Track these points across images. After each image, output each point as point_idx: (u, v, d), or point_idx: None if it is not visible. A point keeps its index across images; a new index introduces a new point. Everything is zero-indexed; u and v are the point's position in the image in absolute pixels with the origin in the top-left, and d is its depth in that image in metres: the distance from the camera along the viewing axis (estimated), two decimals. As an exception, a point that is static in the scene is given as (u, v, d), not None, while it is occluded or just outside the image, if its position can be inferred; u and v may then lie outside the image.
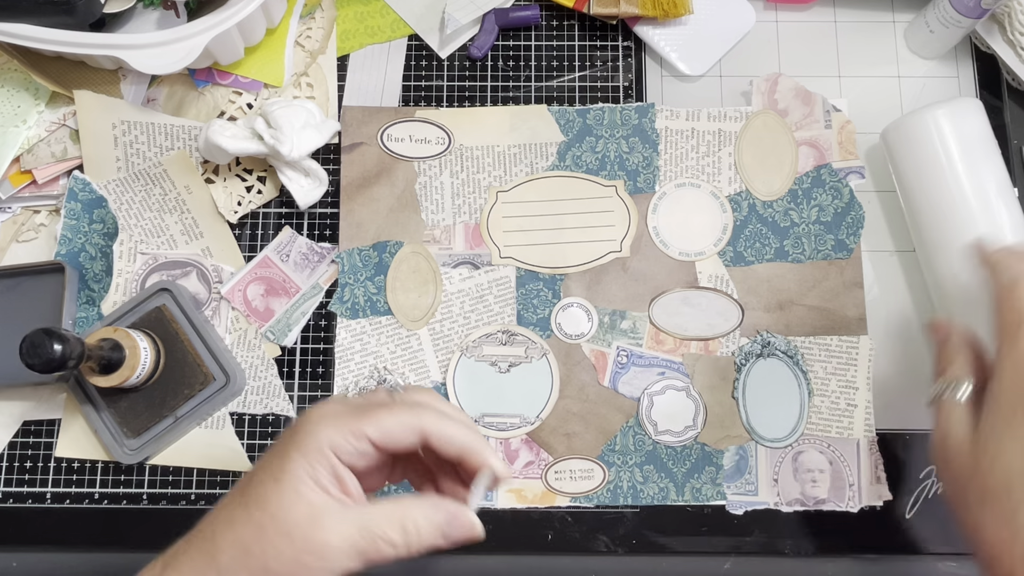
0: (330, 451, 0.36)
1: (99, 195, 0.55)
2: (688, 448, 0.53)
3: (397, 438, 0.37)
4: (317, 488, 0.36)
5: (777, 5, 0.60)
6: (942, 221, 0.50)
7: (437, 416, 0.38)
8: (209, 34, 0.51)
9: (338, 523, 0.35)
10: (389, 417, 0.37)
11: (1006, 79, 0.58)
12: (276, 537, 0.35)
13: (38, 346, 0.42)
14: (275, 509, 0.35)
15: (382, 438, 0.37)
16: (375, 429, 0.36)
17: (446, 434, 0.38)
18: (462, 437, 0.38)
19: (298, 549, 0.35)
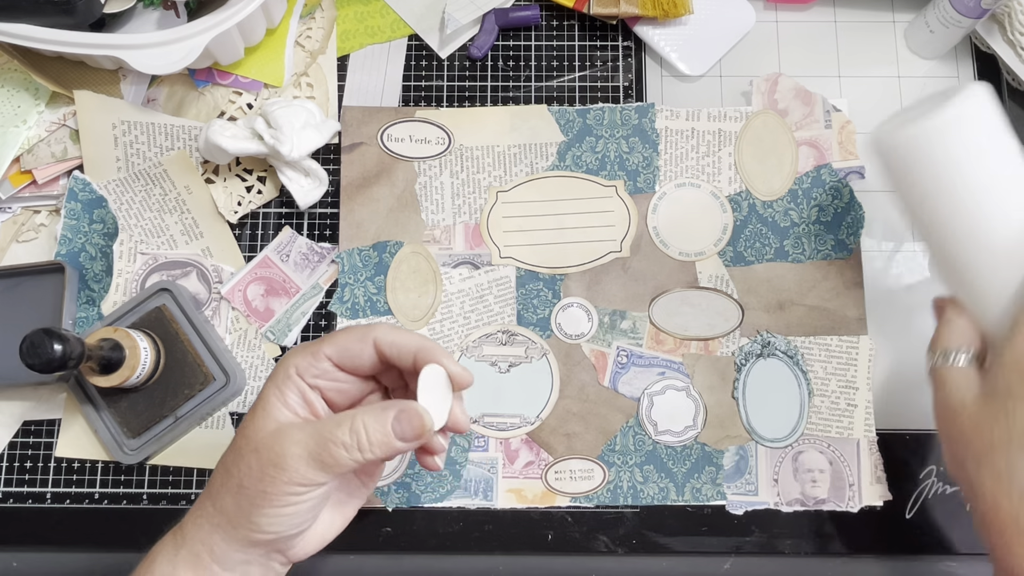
0: (296, 375, 0.39)
1: (99, 195, 0.55)
2: (688, 448, 0.53)
3: (352, 351, 0.40)
4: (285, 409, 0.39)
5: (777, 5, 0.60)
6: (957, 224, 0.44)
7: (389, 328, 0.40)
8: (209, 34, 0.51)
9: (297, 433, 0.38)
10: (343, 334, 0.40)
11: (1006, 79, 0.58)
12: (248, 454, 0.38)
13: (38, 346, 0.42)
14: (250, 431, 0.39)
15: (338, 353, 0.39)
16: (331, 347, 0.39)
17: (397, 340, 0.39)
18: (413, 341, 0.39)
19: (263, 462, 0.37)
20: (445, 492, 0.52)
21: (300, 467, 0.37)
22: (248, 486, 0.38)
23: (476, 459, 0.53)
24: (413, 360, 0.39)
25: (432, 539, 0.52)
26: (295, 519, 0.38)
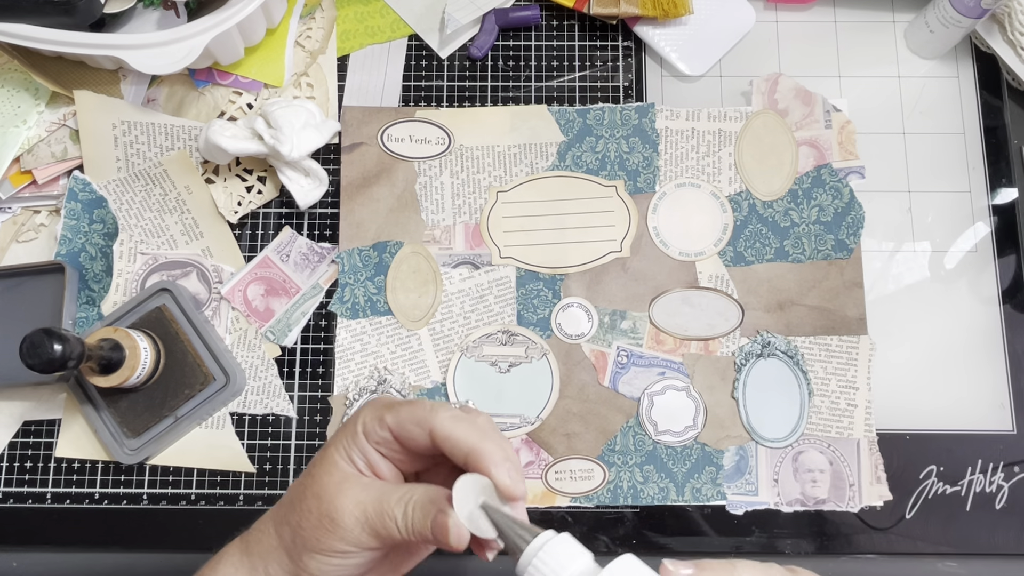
0: (362, 432, 0.38)
1: (99, 195, 0.55)
2: (688, 448, 0.53)
3: (408, 430, 0.38)
4: (349, 463, 0.38)
5: (777, 5, 0.60)
6: None
7: (452, 418, 0.37)
8: (209, 34, 0.51)
9: (359, 492, 0.37)
10: (407, 407, 0.38)
11: (1006, 79, 0.58)
12: (310, 498, 0.38)
13: (38, 346, 0.42)
14: (316, 473, 0.38)
15: (396, 426, 0.38)
16: (392, 416, 0.38)
17: (453, 434, 0.37)
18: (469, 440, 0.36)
19: (322, 511, 0.37)
20: (445, 492, 0.52)
21: (355, 528, 0.37)
22: (305, 528, 0.38)
23: (476, 459, 0.53)
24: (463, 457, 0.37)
25: (432, 539, 0.52)
26: (341, 571, 0.38)
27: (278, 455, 0.53)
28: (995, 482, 0.52)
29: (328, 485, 0.38)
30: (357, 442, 0.39)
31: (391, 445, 0.39)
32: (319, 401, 0.54)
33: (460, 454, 0.36)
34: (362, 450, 0.39)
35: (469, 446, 0.36)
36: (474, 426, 0.37)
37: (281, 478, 0.53)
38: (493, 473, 0.36)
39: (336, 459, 0.39)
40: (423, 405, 0.38)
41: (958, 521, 0.52)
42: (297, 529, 0.38)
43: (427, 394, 0.53)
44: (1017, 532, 0.52)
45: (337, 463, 0.39)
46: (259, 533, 0.40)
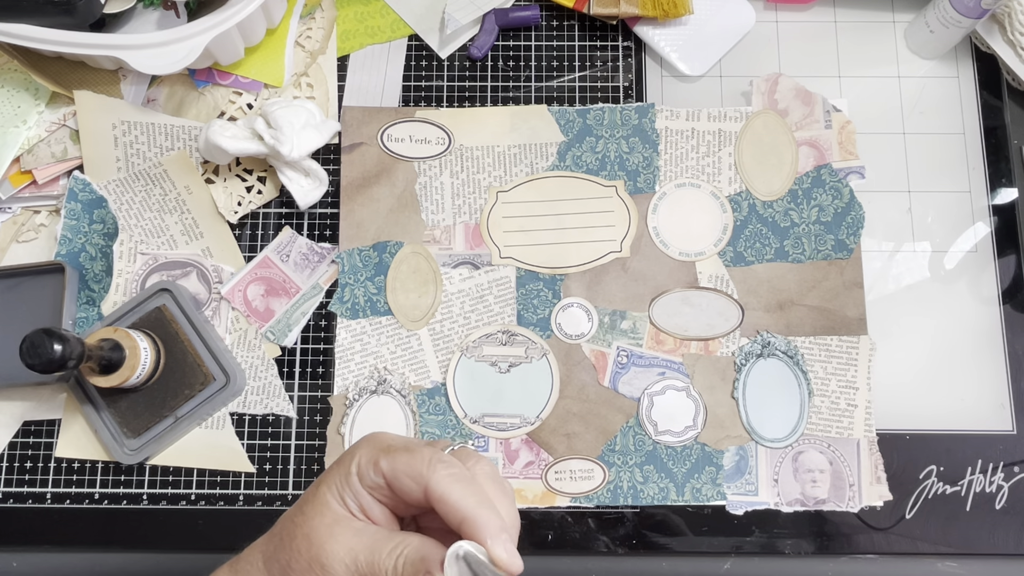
0: (356, 474, 0.37)
1: (99, 195, 0.55)
2: (688, 448, 0.53)
3: (402, 481, 0.36)
4: (341, 504, 0.37)
5: (777, 5, 0.60)
6: None
7: (451, 477, 0.35)
8: (209, 34, 0.51)
9: (350, 537, 0.36)
10: (404, 456, 0.36)
11: (1006, 79, 0.58)
12: (299, 538, 0.37)
13: (38, 346, 0.42)
14: (307, 512, 0.37)
15: (390, 475, 0.36)
16: (388, 463, 0.36)
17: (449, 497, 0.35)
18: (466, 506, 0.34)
19: (312, 555, 0.36)
20: (445, 492, 0.52)
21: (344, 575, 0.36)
22: (294, 569, 0.37)
23: (476, 459, 0.53)
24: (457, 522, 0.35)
25: (432, 539, 0.52)
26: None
27: (278, 455, 0.53)
28: (995, 482, 0.52)
29: (319, 527, 0.37)
30: (350, 484, 0.37)
31: (384, 491, 0.37)
32: (319, 401, 0.54)
33: (455, 519, 0.34)
34: (355, 492, 0.37)
35: (465, 513, 0.34)
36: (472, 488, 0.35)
37: (281, 478, 0.53)
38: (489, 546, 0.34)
39: (328, 499, 0.37)
40: (421, 457, 0.36)
41: (958, 521, 0.52)
42: (286, 568, 0.37)
43: (427, 394, 0.53)
44: (1017, 532, 0.52)
45: (329, 503, 0.37)
46: (247, 564, 0.39)
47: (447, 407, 0.53)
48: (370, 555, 0.35)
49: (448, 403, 0.53)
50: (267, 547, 0.38)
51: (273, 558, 0.38)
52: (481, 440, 0.53)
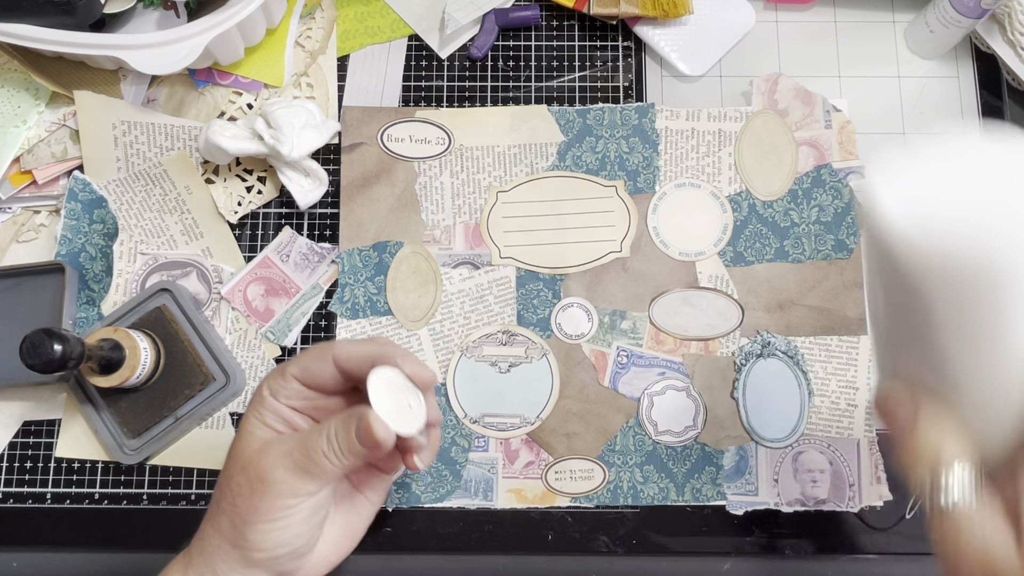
0: (269, 396, 0.41)
1: (99, 195, 0.55)
2: (688, 448, 0.53)
3: (314, 370, 0.41)
4: (265, 427, 0.40)
5: (777, 5, 0.60)
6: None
7: (347, 342, 0.41)
8: (209, 34, 0.51)
9: (280, 446, 0.39)
10: (306, 353, 0.41)
11: (1006, 79, 0.58)
12: (236, 474, 0.39)
13: (38, 346, 0.42)
14: (236, 451, 0.40)
15: (301, 373, 0.41)
16: (295, 367, 0.41)
17: (354, 352, 0.40)
18: (367, 350, 0.40)
19: (251, 478, 0.38)
20: (445, 492, 0.52)
21: (287, 478, 0.38)
22: (239, 504, 0.38)
23: (476, 459, 0.53)
24: (368, 366, 0.39)
25: (432, 539, 0.52)
26: (287, 533, 0.38)
27: (278, 455, 0.53)
28: (995, 482, 0.52)
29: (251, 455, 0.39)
30: (267, 405, 0.40)
31: (301, 394, 0.41)
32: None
33: (365, 365, 0.39)
34: (275, 411, 0.40)
35: (371, 355, 0.39)
36: (373, 342, 0.40)
37: (281, 478, 0.53)
38: (400, 364, 0.39)
39: (251, 430, 0.40)
40: (319, 345, 0.41)
41: (958, 521, 0.52)
42: (232, 510, 0.39)
43: (427, 394, 0.53)
44: (1017, 532, 0.52)
45: (254, 433, 0.40)
46: (198, 541, 0.40)
47: (447, 407, 0.53)
48: (302, 447, 0.38)
49: (448, 403, 0.53)
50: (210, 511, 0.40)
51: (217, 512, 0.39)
52: (481, 440, 0.53)
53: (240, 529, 0.38)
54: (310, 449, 0.38)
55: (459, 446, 0.53)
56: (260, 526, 0.38)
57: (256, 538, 0.38)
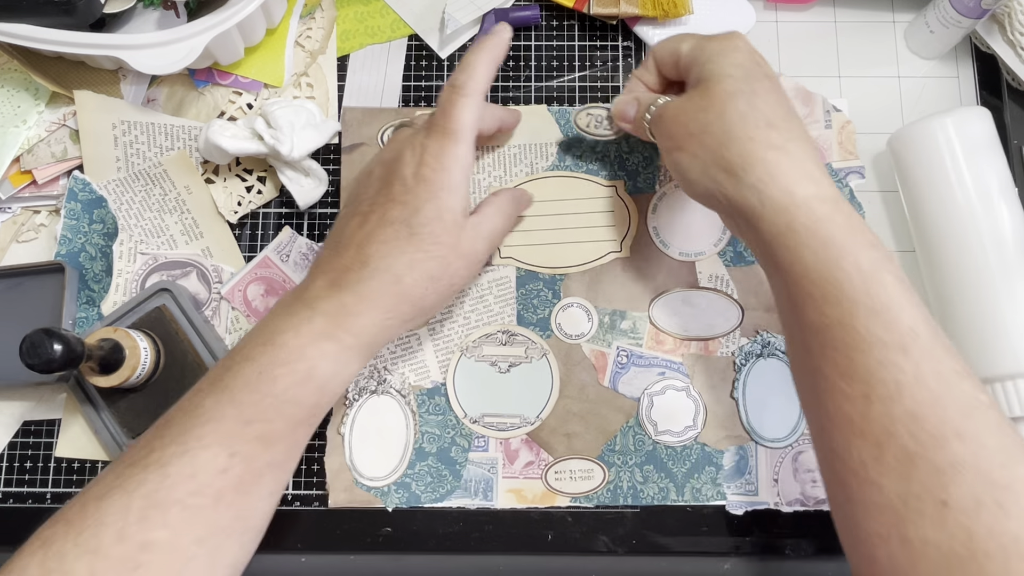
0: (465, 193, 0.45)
1: (99, 195, 0.55)
2: (688, 448, 0.53)
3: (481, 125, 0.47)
4: (464, 217, 0.45)
5: (777, 5, 0.60)
6: (945, 223, 0.50)
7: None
8: (209, 34, 0.51)
9: (477, 232, 0.46)
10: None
11: (1006, 79, 0.58)
12: (456, 261, 0.44)
13: (38, 346, 0.42)
14: (452, 243, 0.44)
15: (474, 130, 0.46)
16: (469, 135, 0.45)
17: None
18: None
19: (472, 265, 0.46)
20: (445, 492, 0.52)
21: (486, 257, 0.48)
22: (458, 284, 0.46)
23: (476, 459, 0.53)
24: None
25: (432, 539, 0.52)
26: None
27: (278, 455, 0.53)
28: (995, 482, 0.52)
29: (468, 246, 0.45)
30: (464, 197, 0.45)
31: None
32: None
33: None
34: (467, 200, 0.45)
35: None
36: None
37: (281, 478, 0.53)
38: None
39: (461, 222, 0.45)
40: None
41: (958, 521, 0.52)
42: (448, 288, 0.45)
43: (427, 394, 0.53)
44: (1017, 532, 0.52)
45: (462, 225, 0.45)
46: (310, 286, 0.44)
47: (447, 407, 0.53)
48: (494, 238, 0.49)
49: (448, 403, 0.53)
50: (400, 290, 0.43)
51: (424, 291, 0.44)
52: (481, 440, 0.53)
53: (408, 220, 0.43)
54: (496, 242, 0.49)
55: (459, 446, 0.53)
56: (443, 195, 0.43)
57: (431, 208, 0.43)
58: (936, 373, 0.34)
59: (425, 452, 0.52)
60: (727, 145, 0.40)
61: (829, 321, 0.36)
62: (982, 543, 0.31)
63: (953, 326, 0.51)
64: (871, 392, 0.34)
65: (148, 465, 0.38)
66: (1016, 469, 0.32)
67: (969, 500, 0.31)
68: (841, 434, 0.35)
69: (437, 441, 0.53)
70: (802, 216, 0.37)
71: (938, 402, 0.33)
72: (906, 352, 0.34)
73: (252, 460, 0.39)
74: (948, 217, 0.50)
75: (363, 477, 0.52)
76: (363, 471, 0.52)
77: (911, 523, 0.32)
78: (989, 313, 0.49)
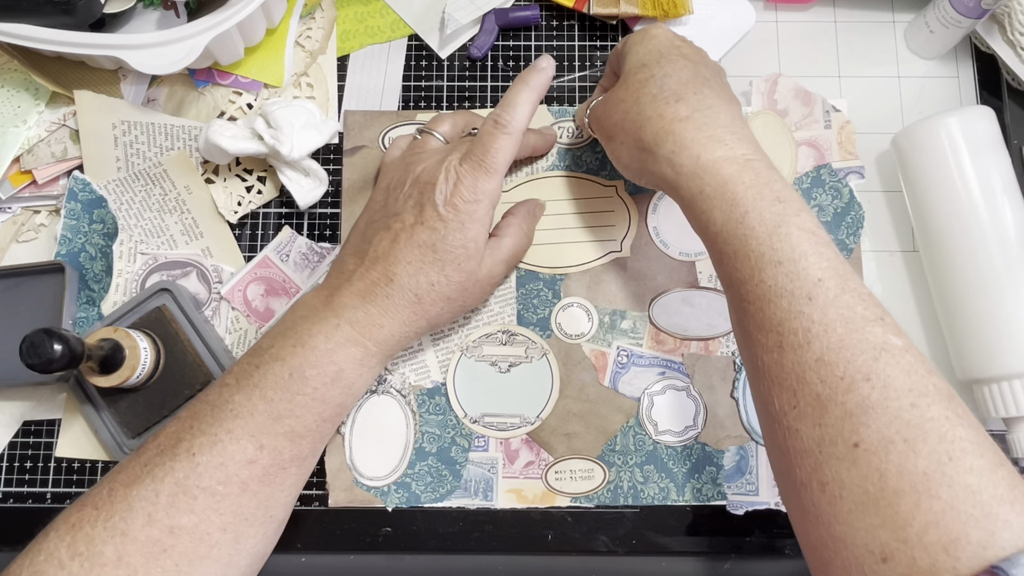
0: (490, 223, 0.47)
1: (99, 195, 0.55)
2: (688, 448, 0.53)
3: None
4: (485, 243, 0.47)
5: (777, 5, 0.60)
6: (949, 222, 0.50)
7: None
8: (209, 34, 0.51)
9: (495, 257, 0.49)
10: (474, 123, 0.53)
11: (1006, 79, 0.58)
12: (474, 287, 0.47)
13: (38, 346, 0.42)
14: (473, 269, 0.46)
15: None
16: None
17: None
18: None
19: (487, 287, 0.48)
20: (445, 492, 0.52)
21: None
22: (471, 305, 0.48)
23: (476, 459, 0.53)
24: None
25: (432, 539, 0.52)
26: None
27: (278, 455, 0.53)
28: (995, 482, 0.52)
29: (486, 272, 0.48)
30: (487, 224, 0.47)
31: None
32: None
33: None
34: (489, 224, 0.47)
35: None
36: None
37: (281, 478, 0.53)
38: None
39: (483, 252, 0.47)
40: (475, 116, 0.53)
41: (958, 521, 0.52)
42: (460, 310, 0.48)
43: (427, 394, 0.53)
44: (1017, 532, 0.52)
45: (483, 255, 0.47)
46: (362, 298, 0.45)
47: (447, 407, 0.53)
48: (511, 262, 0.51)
49: (448, 403, 0.53)
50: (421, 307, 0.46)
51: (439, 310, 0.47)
52: (481, 440, 0.53)
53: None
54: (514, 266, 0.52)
55: (459, 446, 0.53)
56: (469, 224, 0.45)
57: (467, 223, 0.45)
58: (844, 319, 0.35)
59: (425, 452, 0.52)
60: (643, 126, 0.42)
61: (742, 276, 0.38)
62: (892, 481, 0.31)
63: (957, 325, 0.51)
64: (783, 341, 0.36)
65: (177, 454, 0.40)
66: (926, 409, 0.32)
67: (879, 440, 0.32)
68: (764, 383, 0.37)
69: (437, 441, 0.53)
70: (710, 179, 0.39)
71: (845, 347, 0.34)
72: (812, 300, 0.35)
73: (279, 453, 0.42)
74: (952, 216, 0.50)
75: (363, 477, 0.52)
76: (363, 471, 0.52)
77: (827, 466, 0.33)
78: (993, 312, 0.49)
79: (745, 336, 0.39)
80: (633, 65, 0.45)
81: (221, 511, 0.40)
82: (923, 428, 0.32)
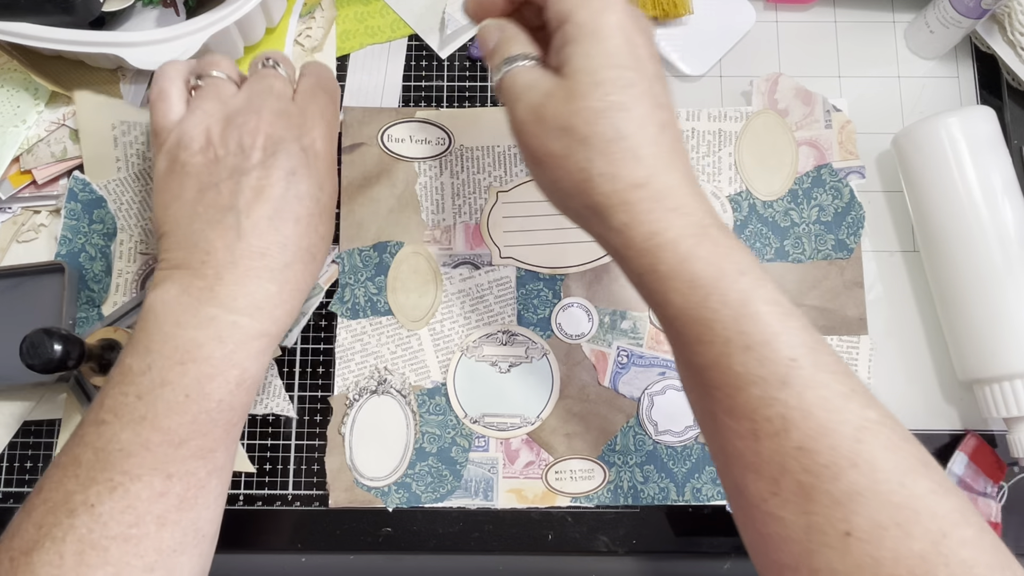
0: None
1: (99, 195, 0.55)
2: (689, 448, 0.53)
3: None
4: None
5: (777, 5, 0.60)
6: (950, 222, 0.50)
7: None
8: (208, 32, 0.51)
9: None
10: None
11: (1006, 79, 0.58)
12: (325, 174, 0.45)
13: (38, 346, 0.42)
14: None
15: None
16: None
17: None
18: None
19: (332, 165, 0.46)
20: (445, 492, 0.52)
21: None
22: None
23: (476, 459, 0.53)
24: None
25: (432, 539, 0.52)
26: None
27: (278, 455, 0.53)
28: (995, 482, 0.52)
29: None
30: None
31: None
32: (319, 401, 0.54)
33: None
34: None
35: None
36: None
37: (281, 478, 0.53)
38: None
39: None
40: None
41: (958, 521, 0.52)
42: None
43: (427, 394, 0.53)
44: (1016, 532, 0.52)
45: None
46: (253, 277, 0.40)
47: (447, 407, 0.53)
48: None
49: (448, 403, 0.53)
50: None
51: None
52: (481, 440, 0.53)
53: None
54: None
55: (459, 446, 0.53)
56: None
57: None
58: (822, 400, 0.32)
59: (425, 452, 0.52)
60: (592, 183, 0.36)
61: (706, 361, 0.34)
62: (888, 568, 0.30)
63: (958, 325, 0.51)
64: (758, 428, 0.33)
65: (73, 509, 0.35)
66: (913, 486, 0.31)
67: (871, 528, 0.31)
68: (737, 469, 0.34)
69: (437, 441, 0.53)
70: (666, 256, 0.35)
71: (826, 433, 0.32)
72: (787, 384, 0.32)
73: (192, 475, 0.37)
74: (953, 216, 0.50)
75: (363, 477, 0.52)
76: (363, 471, 0.52)
77: (817, 555, 0.32)
78: (994, 312, 0.49)
79: (711, 419, 0.35)
80: (585, 74, 0.36)
81: (141, 553, 0.35)
82: (915, 508, 0.31)
